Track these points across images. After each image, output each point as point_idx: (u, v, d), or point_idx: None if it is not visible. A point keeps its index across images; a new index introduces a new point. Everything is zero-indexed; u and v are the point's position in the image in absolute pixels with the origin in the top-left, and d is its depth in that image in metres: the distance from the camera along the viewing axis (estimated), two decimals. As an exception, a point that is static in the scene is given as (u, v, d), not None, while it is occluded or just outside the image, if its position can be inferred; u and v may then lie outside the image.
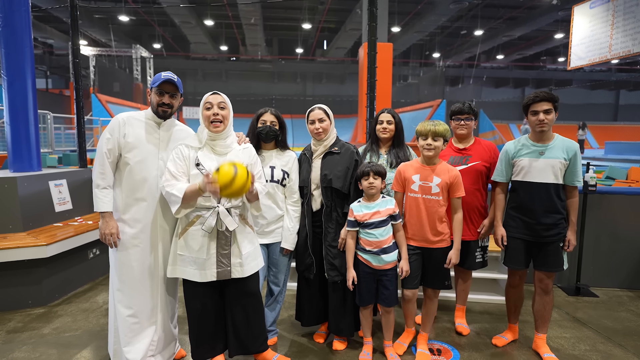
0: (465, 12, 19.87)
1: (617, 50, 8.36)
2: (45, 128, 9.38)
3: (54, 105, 20.19)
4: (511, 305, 2.87)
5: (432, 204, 2.56)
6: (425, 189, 2.57)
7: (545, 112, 2.50)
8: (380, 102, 9.84)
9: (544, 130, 2.55)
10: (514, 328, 2.92)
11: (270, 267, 2.77)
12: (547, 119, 2.50)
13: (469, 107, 2.88)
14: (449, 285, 2.64)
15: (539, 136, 2.60)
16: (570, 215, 2.61)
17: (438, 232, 2.57)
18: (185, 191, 2.16)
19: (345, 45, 24.63)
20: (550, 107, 2.51)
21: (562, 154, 2.53)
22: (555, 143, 2.57)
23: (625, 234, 3.90)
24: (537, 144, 2.60)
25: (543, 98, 2.51)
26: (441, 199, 2.56)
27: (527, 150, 2.62)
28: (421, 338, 2.73)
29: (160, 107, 2.34)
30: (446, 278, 2.63)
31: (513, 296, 2.84)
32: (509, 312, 2.91)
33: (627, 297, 3.77)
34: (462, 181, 2.58)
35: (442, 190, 2.55)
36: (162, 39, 25.27)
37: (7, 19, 3.77)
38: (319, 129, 2.67)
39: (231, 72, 30.36)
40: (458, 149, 2.93)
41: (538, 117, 2.52)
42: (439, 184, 2.55)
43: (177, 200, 2.17)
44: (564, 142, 2.57)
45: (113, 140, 2.29)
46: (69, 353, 2.72)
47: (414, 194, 2.60)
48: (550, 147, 2.56)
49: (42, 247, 3.29)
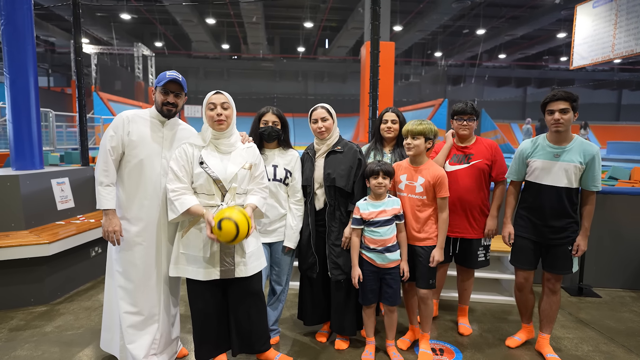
0: (467, 11, 19.81)
1: (620, 49, 8.33)
2: (47, 126, 9.38)
3: (56, 104, 20.24)
4: (521, 306, 2.85)
5: (416, 203, 2.60)
6: (411, 188, 2.61)
7: (561, 112, 2.42)
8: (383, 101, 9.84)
9: (559, 131, 2.47)
10: (528, 328, 2.88)
11: (272, 266, 2.76)
12: (563, 119, 2.42)
13: (471, 107, 2.88)
14: (432, 285, 2.64)
15: (555, 137, 2.52)
16: (584, 220, 2.55)
17: (422, 231, 2.59)
18: (189, 209, 2.19)
19: (347, 44, 24.57)
20: (568, 106, 2.42)
21: (578, 157, 2.45)
22: (572, 146, 2.48)
23: (629, 234, 3.88)
24: (554, 146, 2.53)
25: (560, 97, 2.42)
26: (425, 198, 2.59)
27: (543, 151, 2.57)
28: (422, 338, 2.73)
29: (165, 106, 2.34)
30: (430, 277, 2.62)
31: (521, 299, 2.82)
32: (521, 313, 2.88)
33: (630, 297, 3.76)
34: (446, 182, 2.58)
35: (425, 190, 2.57)
36: (164, 37, 25.26)
37: (10, 16, 3.77)
38: (322, 128, 2.66)
39: (233, 71, 30.34)
40: (460, 147, 2.93)
41: (554, 117, 2.44)
42: (422, 184, 2.57)
43: (176, 212, 2.20)
44: (582, 145, 2.47)
45: (117, 137, 2.29)
46: (71, 351, 2.72)
47: (401, 193, 2.66)
48: (567, 150, 2.48)
49: (44, 245, 3.29)
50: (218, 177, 2.23)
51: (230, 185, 2.25)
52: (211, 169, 2.24)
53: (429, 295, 2.66)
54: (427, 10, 19.46)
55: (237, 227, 2.05)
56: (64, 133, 12.03)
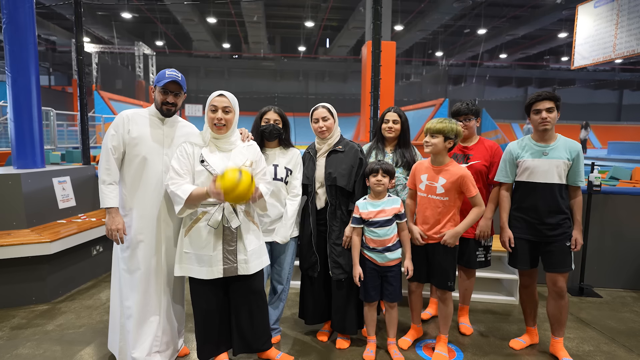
0: (468, 11, 19.80)
1: (621, 49, 8.31)
2: (48, 125, 9.39)
3: (57, 102, 20.25)
4: (526, 306, 2.84)
5: (436, 204, 2.57)
6: (431, 189, 2.58)
7: (547, 111, 2.52)
8: (384, 101, 9.83)
9: (547, 129, 2.55)
10: (532, 331, 2.87)
11: (273, 266, 2.77)
12: (549, 117, 2.52)
13: (466, 107, 2.89)
14: (451, 287, 2.62)
15: (541, 136, 2.60)
16: (575, 214, 2.60)
17: (440, 232, 2.57)
18: (191, 193, 2.17)
19: (347, 43, 24.57)
20: (553, 105, 2.53)
21: (565, 154, 2.54)
22: (558, 143, 2.58)
23: (630, 234, 3.88)
24: (540, 144, 2.61)
25: (545, 97, 2.54)
26: (447, 199, 2.55)
27: (531, 150, 2.62)
28: (440, 340, 2.70)
29: (165, 105, 2.36)
30: (449, 279, 2.60)
31: (526, 297, 2.81)
32: (525, 315, 2.88)
33: (630, 297, 3.75)
34: (469, 181, 2.52)
35: (447, 191, 2.54)
36: (165, 37, 25.27)
37: (11, 15, 3.77)
38: (323, 127, 2.66)
39: (233, 70, 30.36)
40: (461, 147, 2.93)
41: (541, 116, 2.53)
42: (443, 185, 2.54)
43: (181, 202, 2.18)
44: (566, 143, 2.58)
45: (118, 136, 2.30)
46: (72, 350, 2.72)
47: (422, 193, 2.63)
48: (553, 148, 2.57)
49: (45, 243, 3.29)
50: (219, 174, 2.23)
51: None
52: (212, 167, 2.24)
53: (449, 295, 2.65)
54: (428, 9, 19.45)
55: (239, 175, 2.03)
56: (65, 132, 12.05)
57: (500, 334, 3.02)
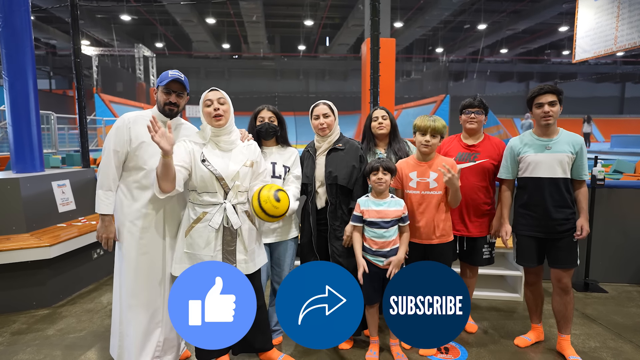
0: (468, 6, 19.70)
1: (622, 42, 8.24)
2: (48, 128, 9.39)
3: (58, 106, 20.24)
4: (531, 304, 2.81)
5: (432, 200, 2.55)
6: (423, 185, 2.56)
7: (550, 104, 2.48)
8: (384, 98, 9.78)
9: (549, 123, 2.51)
10: (537, 329, 2.84)
11: (273, 267, 2.74)
12: (552, 111, 2.48)
13: (479, 101, 2.84)
14: None
15: (544, 130, 2.57)
16: (581, 202, 2.57)
17: (440, 228, 2.55)
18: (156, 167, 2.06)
19: (347, 41, 24.52)
20: (555, 99, 2.49)
21: (568, 147, 2.51)
22: (560, 137, 2.55)
23: (635, 228, 3.83)
24: (543, 139, 2.57)
25: (548, 90, 2.49)
26: (441, 193, 2.54)
27: (533, 145, 2.59)
28: None
29: (167, 105, 2.32)
30: None
31: (532, 294, 2.78)
32: (530, 312, 2.85)
33: (636, 292, 3.71)
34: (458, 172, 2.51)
35: (440, 184, 2.53)
36: (164, 38, 25.28)
37: (7, 19, 3.75)
38: (323, 124, 2.63)
39: (234, 70, 30.35)
40: (467, 146, 2.88)
41: (543, 109, 2.49)
42: (436, 179, 2.53)
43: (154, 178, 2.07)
44: (569, 136, 2.55)
45: (119, 139, 2.27)
46: (73, 354, 2.70)
47: (413, 191, 2.60)
48: (556, 142, 2.53)
49: (45, 248, 3.28)
50: (221, 174, 2.21)
51: (233, 184, 2.23)
52: (213, 166, 2.22)
53: None
54: (428, 6, 19.37)
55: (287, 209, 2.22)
56: (65, 135, 12.07)
57: (505, 331, 2.99)
